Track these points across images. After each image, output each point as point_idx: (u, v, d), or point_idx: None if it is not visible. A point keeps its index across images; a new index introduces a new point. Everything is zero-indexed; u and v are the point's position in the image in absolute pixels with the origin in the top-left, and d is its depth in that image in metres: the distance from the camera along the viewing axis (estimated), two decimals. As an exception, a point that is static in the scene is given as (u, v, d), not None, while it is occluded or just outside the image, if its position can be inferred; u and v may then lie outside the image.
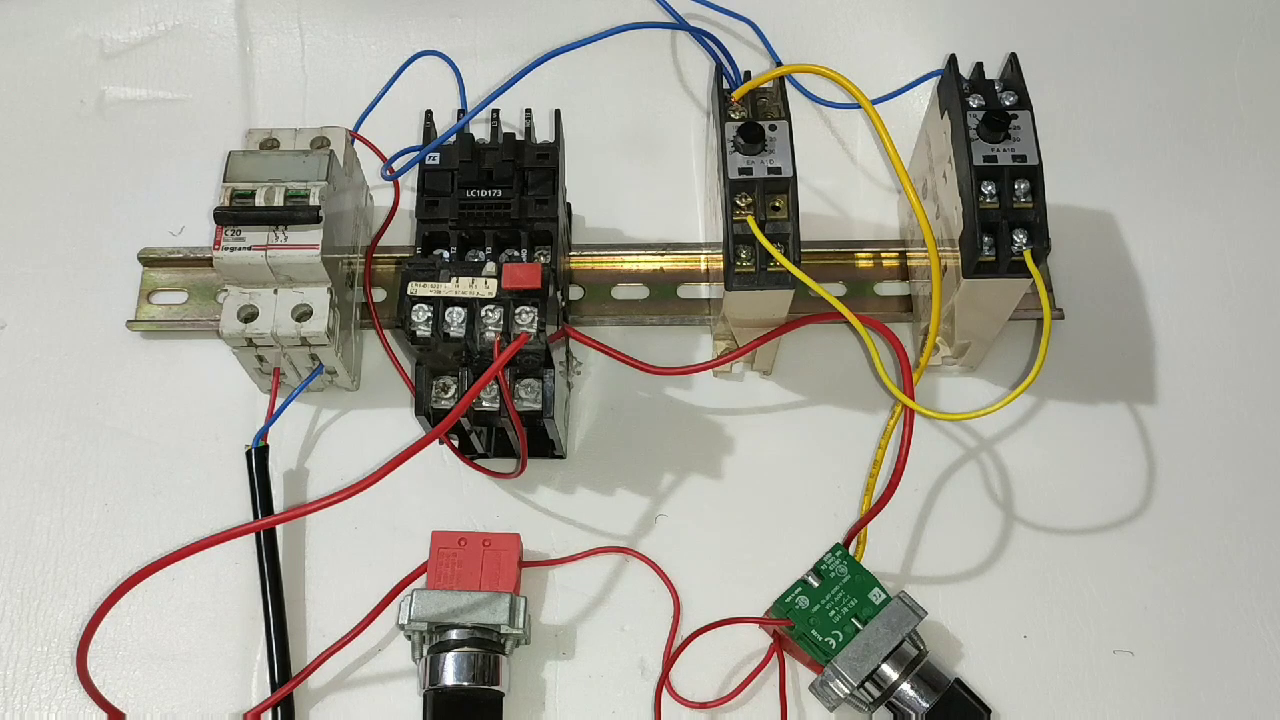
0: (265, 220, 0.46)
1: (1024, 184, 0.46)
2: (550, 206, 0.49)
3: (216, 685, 0.48)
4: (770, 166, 0.47)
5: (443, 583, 0.47)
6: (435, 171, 0.49)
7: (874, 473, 0.51)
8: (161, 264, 0.55)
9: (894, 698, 0.45)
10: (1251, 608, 0.49)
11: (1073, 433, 0.53)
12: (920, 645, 0.46)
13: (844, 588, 0.46)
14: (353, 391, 0.53)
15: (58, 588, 0.49)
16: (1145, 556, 0.50)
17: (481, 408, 0.45)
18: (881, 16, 0.63)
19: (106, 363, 0.54)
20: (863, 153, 0.60)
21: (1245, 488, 0.52)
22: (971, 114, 0.47)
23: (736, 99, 0.50)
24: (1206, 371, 0.54)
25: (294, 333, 0.47)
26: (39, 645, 0.48)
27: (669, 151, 0.60)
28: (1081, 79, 0.62)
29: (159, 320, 0.55)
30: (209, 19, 0.63)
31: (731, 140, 0.48)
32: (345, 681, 0.48)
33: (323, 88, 0.61)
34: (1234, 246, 0.57)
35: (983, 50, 0.50)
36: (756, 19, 0.61)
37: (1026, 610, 0.49)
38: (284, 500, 0.51)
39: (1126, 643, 0.49)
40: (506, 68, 0.57)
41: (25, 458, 0.52)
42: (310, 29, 0.63)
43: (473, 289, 0.43)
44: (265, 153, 0.48)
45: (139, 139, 0.60)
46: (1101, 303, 0.56)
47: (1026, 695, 0.48)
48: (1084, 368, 0.54)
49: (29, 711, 0.47)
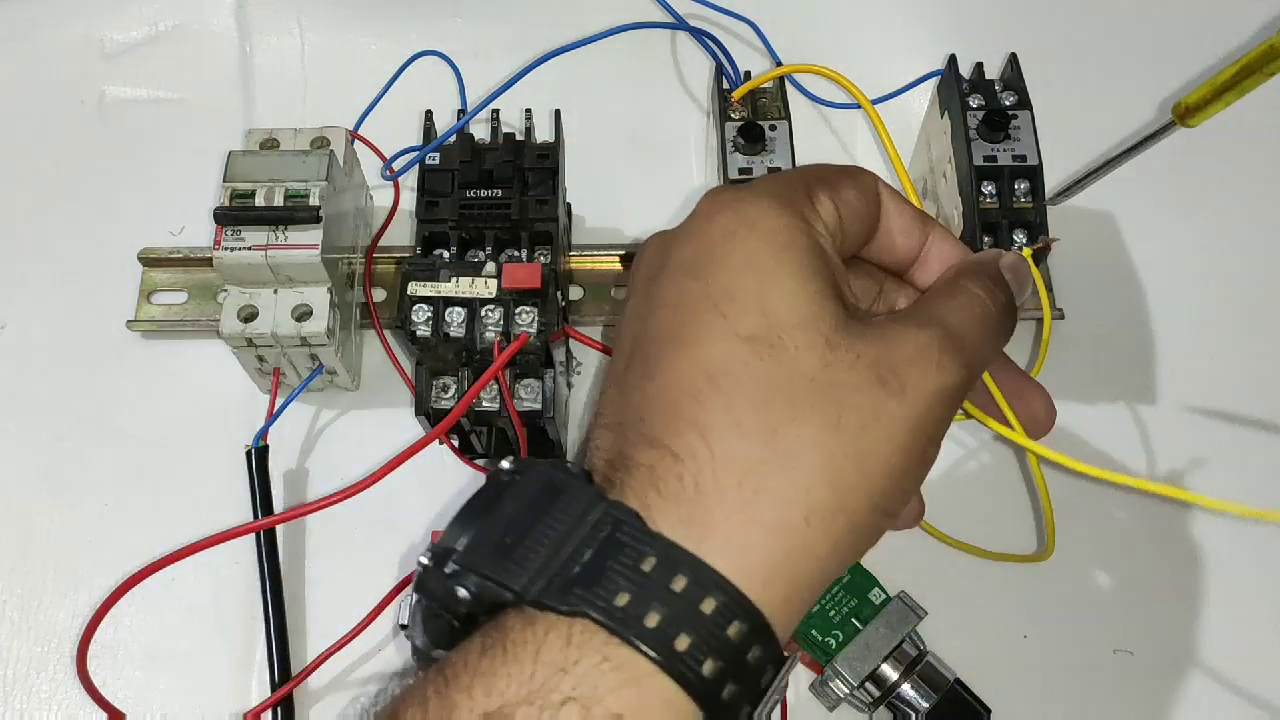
0: (265, 220, 0.46)
1: (1024, 184, 0.46)
2: (550, 206, 0.49)
3: (216, 685, 0.48)
4: (770, 167, 0.47)
5: (443, 583, 0.47)
6: (435, 171, 0.49)
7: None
8: (161, 264, 0.55)
9: (894, 698, 0.45)
10: (1252, 607, 0.49)
11: (1072, 432, 0.53)
12: (920, 645, 0.46)
13: (844, 588, 0.46)
14: (353, 391, 0.53)
15: (58, 588, 0.49)
16: (1145, 556, 0.50)
17: (481, 408, 0.45)
18: (881, 17, 0.63)
19: (106, 363, 0.54)
20: (863, 153, 0.60)
21: (1245, 487, 0.52)
22: (971, 114, 0.47)
23: (736, 99, 0.50)
24: (1206, 371, 0.54)
25: (294, 333, 0.47)
26: (39, 645, 0.48)
27: (669, 151, 0.60)
28: (1081, 79, 0.62)
29: (159, 320, 0.54)
30: (209, 19, 0.63)
31: (731, 140, 0.48)
32: (345, 682, 0.47)
33: (323, 88, 0.61)
34: (1234, 246, 0.57)
35: (983, 50, 0.50)
36: (756, 19, 0.61)
37: (1026, 610, 0.49)
38: (284, 500, 0.51)
39: (1126, 643, 0.49)
40: (506, 68, 0.56)
41: (25, 458, 0.52)
42: (310, 29, 0.63)
43: (473, 289, 0.43)
44: (265, 153, 0.48)
45: (139, 139, 0.60)
46: (1101, 303, 0.56)
47: (1026, 695, 0.47)
48: (1084, 368, 0.54)
49: (29, 711, 0.47)
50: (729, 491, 0.28)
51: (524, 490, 0.30)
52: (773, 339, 0.30)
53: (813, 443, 0.29)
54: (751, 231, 0.31)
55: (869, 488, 0.29)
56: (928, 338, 0.31)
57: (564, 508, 0.29)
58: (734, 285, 0.30)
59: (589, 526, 0.28)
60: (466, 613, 0.29)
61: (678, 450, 0.29)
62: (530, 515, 0.29)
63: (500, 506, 0.30)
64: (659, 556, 0.27)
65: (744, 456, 0.28)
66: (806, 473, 0.28)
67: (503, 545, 0.29)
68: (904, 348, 0.30)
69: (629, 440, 0.30)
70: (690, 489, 0.28)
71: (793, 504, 0.28)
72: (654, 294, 0.32)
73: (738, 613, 0.27)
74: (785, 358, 0.29)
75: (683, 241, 0.32)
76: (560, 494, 0.29)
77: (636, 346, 0.32)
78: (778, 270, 0.30)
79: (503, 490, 0.30)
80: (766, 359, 0.29)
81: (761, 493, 0.28)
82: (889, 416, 0.29)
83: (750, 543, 0.28)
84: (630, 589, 0.27)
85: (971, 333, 0.32)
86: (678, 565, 0.27)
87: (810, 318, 0.30)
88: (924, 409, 0.30)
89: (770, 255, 0.31)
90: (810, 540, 0.28)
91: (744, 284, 0.30)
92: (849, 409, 0.29)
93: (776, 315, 0.30)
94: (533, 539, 0.29)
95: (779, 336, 0.30)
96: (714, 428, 0.29)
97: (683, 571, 0.27)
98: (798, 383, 0.29)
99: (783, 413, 0.29)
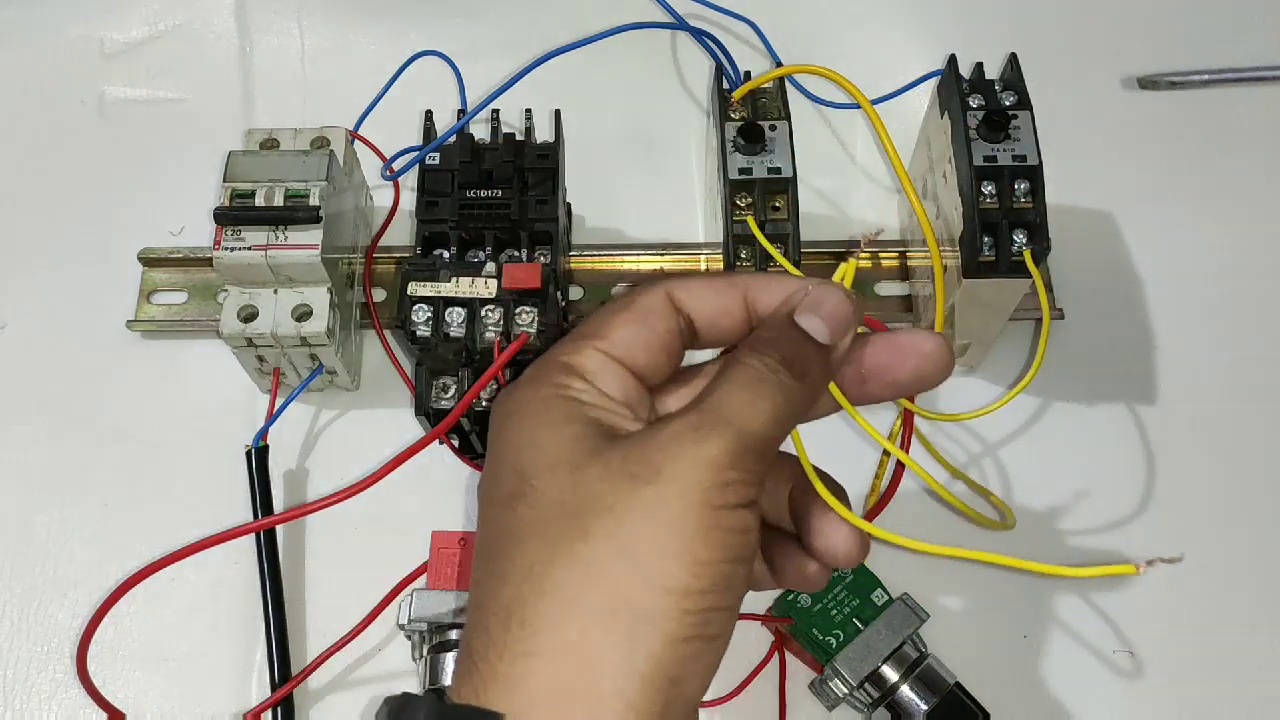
0: (265, 220, 0.46)
1: (1024, 184, 0.46)
2: (550, 207, 0.49)
3: (216, 685, 0.48)
4: (770, 167, 0.47)
5: (443, 583, 0.47)
6: (435, 172, 0.49)
7: (879, 474, 0.51)
8: (161, 264, 0.55)
9: (893, 699, 0.45)
10: (1251, 607, 0.49)
11: (1072, 432, 0.53)
12: (921, 647, 0.46)
13: (846, 588, 0.46)
14: (353, 391, 0.53)
15: (58, 588, 0.49)
16: (1144, 556, 0.50)
17: (482, 408, 0.45)
18: (881, 17, 0.63)
19: (106, 363, 0.54)
20: (863, 153, 0.60)
21: (1245, 487, 0.52)
22: (971, 114, 0.47)
23: (737, 99, 0.50)
24: (1206, 371, 0.54)
25: (294, 333, 0.47)
26: (39, 645, 0.48)
27: (669, 151, 0.60)
28: (1081, 79, 0.62)
29: (159, 320, 0.54)
30: (209, 19, 0.63)
31: (731, 140, 0.48)
32: (345, 682, 0.48)
33: (323, 88, 0.61)
34: (1234, 246, 0.57)
35: (983, 50, 0.50)
36: (756, 19, 0.61)
37: (1026, 610, 0.49)
38: (284, 500, 0.51)
39: (1126, 643, 0.49)
40: (506, 68, 0.56)
41: (25, 458, 0.52)
42: (310, 29, 0.63)
43: (473, 289, 0.43)
44: (265, 153, 0.48)
45: (139, 139, 0.60)
46: (1101, 303, 0.56)
47: (1026, 695, 0.48)
48: (1084, 368, 0.54)
49: (29, 711, 0.47)
50: (501, 635, 0.29)
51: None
52: (524, 489, 0.31)
53: (568, 561, 0.29)
54: (508, 420, 0.32)
55: (647, 574, 0.29)
56: (682, 420, 0.31)
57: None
58: (497, 464, 0.32)
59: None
60: None
61: (474, 623, 0.31)
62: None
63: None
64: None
65: (508, 600, 0.29)
66: (567, 588, 0.29)
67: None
68: (659, 437, 0.30)
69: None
70: (479, 650, 0.30)
71: (559, 626, 0.29)
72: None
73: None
74: (536, 500, 0.30)
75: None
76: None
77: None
78: (533, 436, 0.32)
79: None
80: (517, 509, 0.31)
81: (526, 625, 0.29)
82: (644, 502, 0.29)
83: (527, 673, 0.29)
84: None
85: (735, 400, 0.31)
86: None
87: (557, 458, 0.31)
88: (688, 481, 0.29)
89: (525, 431, 0.32)
90: (593, 651, 0.29)
91: (505, 457, 0.32)
92: (598, 514, 0.29)
93: (524, 470, 0.31)
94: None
95: (530, 484, 0.31)
96: (486, 591, 0.30)
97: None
98: (549, 515, 0.30)
99: (536, 550, 0.30)
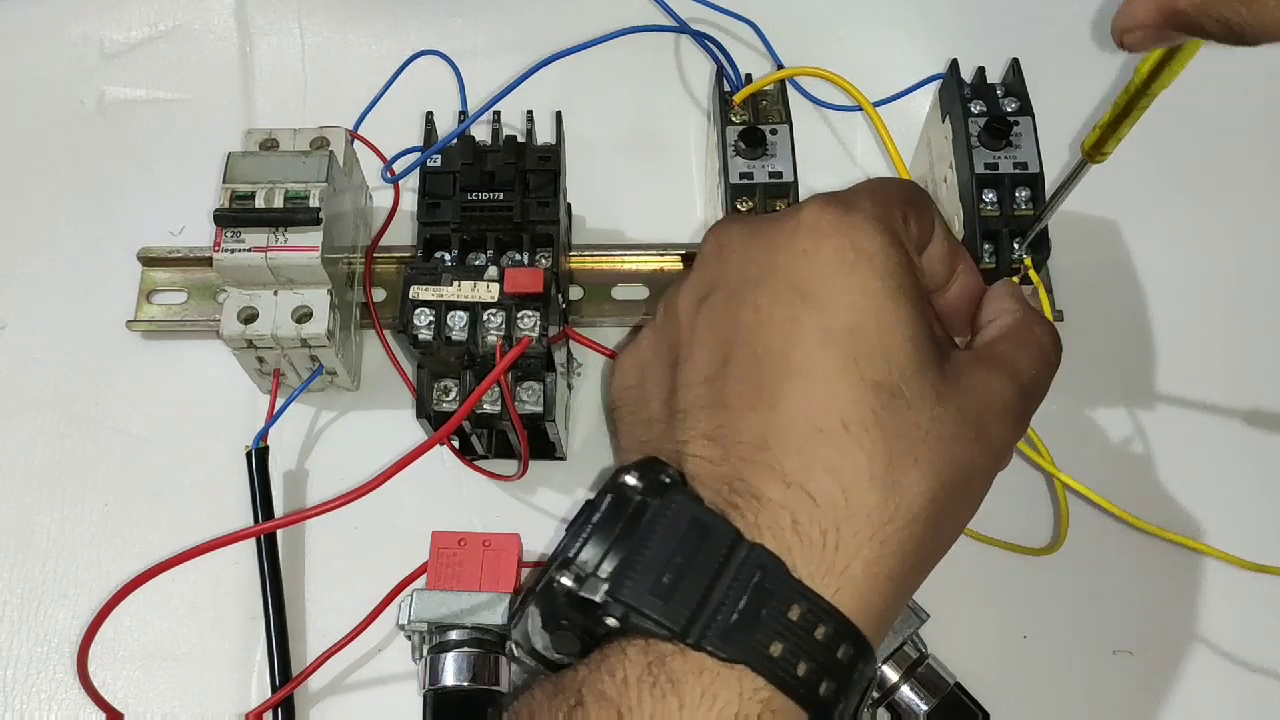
0: (265, 222, 0.46)
1: (1025, 191, 0.46)
2: (552, 209, 0.49)
3: (216, 685, 0.48)
4: (771, 171, 0.47)
5: (443, 583, 0.47)
6: (436, 174, 0.49)
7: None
8: (161, 264, 0.55)
9: (893, 699, 0.45)
10: (1251, 607, 0.49)
11: (1072, 432, 0.53)
12: (921, 648, 0.46)
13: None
14: (353, 392, 0.53)
15: (58, 588, 0.49)
16: (1144, 556, 0.50)
17: (483, 410, 0.45)
18: (883, 19, 0.63)
19: (106, 363, 0.54)
20: (864, 155, 0.60)
21: (1245, 487, 0.52)
22: (973, 120, 0.47)
23: (738, 102, 0.50)
24: (1206, 372, 0.54)
25: (294, 334, 0.47)
26: (39, 645, 0.49)
27: (670, 153, 0.60)
28: (1082, 83, 0.61)
29: (159, 320, 0.54)
30: (209, 19, 0.63)
31: (733, 145, 0.48)
32: (345, 682, 0.48)
33: (323, 88, 0.61)
34: (1234, 247, 0.57)
35: (985, 54, 0.50)
36: (758, 21, 0.61)
37: (1026, 610, 0.49)
38: (284, 501, 0.51)
39: (1126, 643, 0.49)
40: (507, 68, 0.56)
41: (25, 458, 0.52)
42: (310, 29, 0.63)
43: (475, 293, 0.43)
44: (265, 153, 0.48)
45: (139, 139, 0.60)
46: (1101, 303, 0.56)
47: (1026, 695, 0.48)
48: (1084, 368, 0.54)
49: (29, 711, 0.47)
50: (863, 547, 0.31)
51: (672, 525, 0.31)
52: (894, 388, 0.31)
53: (928, 497, 0.31)
54: (869, 265, 0.32)
55: (956, 535, 0.33)
56: (1011, 393, 0.33)
57: (712, 548, 0.31)
58: (857, 325, 0.31)
59: (735, 569, 0.30)
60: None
61: (814, 494, 0.31)
62: (683, 554, 0.31)
63: (647, 537, 0.31)
64: (803, 607, 0.30)
65: (875, 510, 0.31)
66: (922, 527, 0.31)
67: (660, 585, 0.30)
68: (991, 401, 0.32)
69: (750, 466, 0.32)
70: (831, 540, 0.30)
71: (909, 556, 0.31)
72: (758, 304, 0.33)
73: (860, 656, 0.31)
74: (903, 408, 0.31)
75: (791, 256, 0.33)
76: (707, 533, 0.31)
77: (734, 357, 0.33)
78: (895, 312, 0.32)
79: (639, 514, 0.32)
80: (889, 409, 0.31)
81: (887, 545, 0.31)
82: (980, 470, 0.32)
83: (875, 593, 0.31)
84: (781, 639, 0.30)
85: (1040, 383, 0.34)
86: (820, 616, 0.30)
87: (922, 366, 0.31)
88: (1001, 462, 0.33)
89: (887, 296, 0.32)
90: (914, 584, 0.33)
91: (866, 325, 0.31)
92: (953, 464, 0.31)
93: (896, 362, 0.31)
94: (689, 582, 0.30)
95: (899, 386, 0.31)
96: (848, 476, 0.31)
97: (823, 622, 0.30)
98: (914, 435, 0.31)
99: (903, 466, 0.31)
